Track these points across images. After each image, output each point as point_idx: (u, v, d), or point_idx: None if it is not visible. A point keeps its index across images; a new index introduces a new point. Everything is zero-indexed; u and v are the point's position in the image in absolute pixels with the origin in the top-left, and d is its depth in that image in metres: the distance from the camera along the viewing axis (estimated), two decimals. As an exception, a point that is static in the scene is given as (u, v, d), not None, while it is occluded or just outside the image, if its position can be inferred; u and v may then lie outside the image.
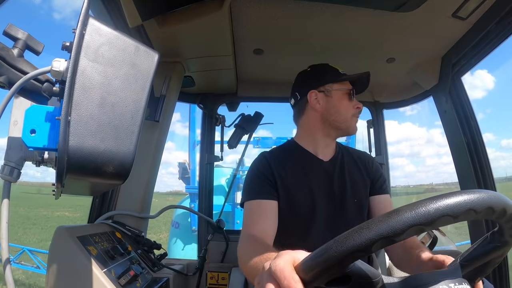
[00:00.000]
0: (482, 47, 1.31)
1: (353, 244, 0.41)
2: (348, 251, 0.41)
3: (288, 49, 1.54)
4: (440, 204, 0.40)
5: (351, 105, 1.21)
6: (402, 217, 0.40)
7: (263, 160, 1.20)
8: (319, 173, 1.19)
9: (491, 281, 1.41)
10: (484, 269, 0.56)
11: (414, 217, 0.40)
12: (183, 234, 4.61)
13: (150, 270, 1.28)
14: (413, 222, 0.40)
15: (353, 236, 0.41)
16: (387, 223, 0.40)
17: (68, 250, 0.96)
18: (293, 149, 1.25)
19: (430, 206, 0.40)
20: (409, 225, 0.40)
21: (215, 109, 1.99)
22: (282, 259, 0.47)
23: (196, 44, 1.43)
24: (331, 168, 1.21)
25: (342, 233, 0.42)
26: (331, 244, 0.42)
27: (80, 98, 0.49)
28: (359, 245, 0.40)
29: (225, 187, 4.14)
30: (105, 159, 0.51)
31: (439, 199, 0.41)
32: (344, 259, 0.41)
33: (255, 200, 1.12)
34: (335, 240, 0.42)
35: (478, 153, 1.46)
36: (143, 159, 1.43)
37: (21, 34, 0.68)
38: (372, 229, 0.41)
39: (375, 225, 0.41)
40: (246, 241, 1.01)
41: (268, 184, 1.14)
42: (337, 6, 1.21)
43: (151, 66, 0.56)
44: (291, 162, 1.20)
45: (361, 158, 1.28)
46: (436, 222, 0.40)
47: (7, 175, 0.74)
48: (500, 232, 0.51)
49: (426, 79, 1.63)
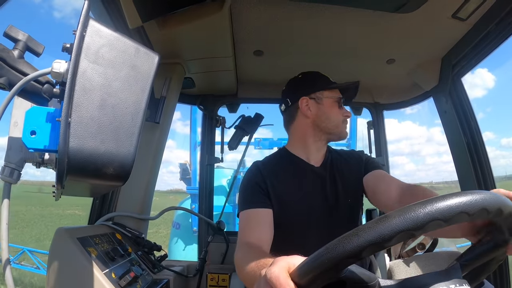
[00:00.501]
0: (482, 48, 1.31)
1: (343, 250, 0.41)
2: (339, 257, 0.41)
3: (288, 50, 1.54)
4: (429, 209, 0.40)
5: (340, 112, 1.25)
6: (391, 223, 0.40)
7: (256, 170, 1.23)
8: (312, 179, 1.21)
9: (491, 281, 1.41)
10: (485, 269, 0.56)
11: (402, 223, 0.40)
12: (184, 234, 4.61)
13: (150, 271, 1.28)
14: (402, 228, 0.40)
15: (343, 243, 0.41)
16: (376, 230, 0.40)
17: (68, 252, 0.96)
18: (285, 157, 1.27)
19: (419, 211, 0.40)
20: (397, 231, 0.40)
21: (215, 110, 1.99)
22: (277, 266, 0.48)
23: (196, 45, 1.44)
24: (323, 171, 1.23)
25: (333, 240, 0.43)
26: (323, 251, 0.43)
27: (80, 100, 0.49)
28: (349, 251, 0.41)
29: (226, 188, 4.14)
30: (105, 161, 0.51)
31: (428, 203, 0.41)
32: (336, 265, 0.42)
33: (250, 209, 1.13)
34: (326, 247, 0.43)
35: (478, 153, 1.46)
36: (143, 161, 1.43)
37: (22, 35, 0.68)
38: (361, 236, 0.41)
39: (364, 232, 0.41)
40: (243, 249, 1.02)
41: (262, 193, 1.16)
42: (337, 7, 1.21)
43: (151, 67, 0.56)
44: (283, 170, 1.22)
45: (351, 156, 1.30)
46: (426, 227, 0.40)
47: (7, 176, 0.74)
48: (499, 231, 0.50)
49: (426, 80, 1.63)
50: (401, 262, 1.57)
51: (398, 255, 1.68)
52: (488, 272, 0.57)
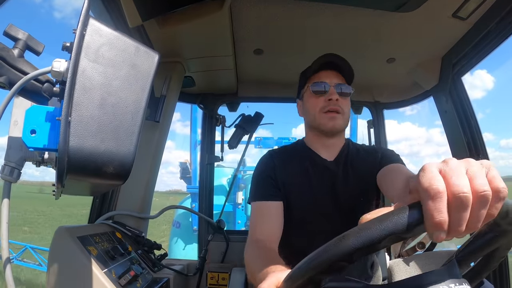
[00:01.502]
0: (482, 47, 1.31)
1: (317, 263, 0.43)
2: (313, 271, 0.43)
3: (289, 49, 1.54)
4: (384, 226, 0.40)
5: (316, 102, 1.17)
6: (347, 242, 0.41)
7: (269, 159, 1.23)
8: (321, 172, 1.19)
9: (491, 281, 1.41)
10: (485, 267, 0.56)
11: (357, 242, 0.40)
12: (184, 233, 4.61)
13: (150, 270, 1.28)
14: (358, 246, 0.40)
15: (319, 255, 0.43)
16: (348, 242, 0.41)
17: (69, 250, 0.96)
18: (299, 149, 1.27)
19: (376, 228, 0.40)
20: (352, 250, 0.40)
21: (215, 109, 1.99)
22: (267, 283, 0.57)
23: (196, 44, 1.43)
24: (335, 167, 1.20)
25: (314, 251, 0.44)
26: (302, 263, 0.45)
27: (80, 99, 0.49)
28: (316, 266, 0.43)
29: (226, 187, 4.15)
30: (105, 160, 0.51)
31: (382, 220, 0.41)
32: (311, 278, 0.44)
33: (262, 201, 1.14)
34: (306, 259, 0.45)
35: (478, 153, 1.46)
36: (143, 160, 1.43)
37: (22, 34, 0.68)
38: (328, 252, 0.42)
39: (327, 248, 0.42)
40: (252, 246, 1.04)
41: (272, 185, 1.16)
42: (337, 6, 1.21)
43: (151, 66, 0.56)
44: (295, 162, 1.21)
45: (368, 153, 1.24)
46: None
47: (7, 175, 0.74)
48: (494, 221, 0.47)
49: (427, 79, 1.63)
50: (401, 261, 1.57)
51: (398, 254, 1.68)
52: (488, 270, 0.56)
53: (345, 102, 1.18)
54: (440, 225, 0.38)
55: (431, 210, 0.38)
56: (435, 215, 0.38)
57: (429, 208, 0.38)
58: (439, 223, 0.38)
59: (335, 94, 1.15)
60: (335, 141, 1.23)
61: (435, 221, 0.38)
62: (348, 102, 1.20)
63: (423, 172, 0.41)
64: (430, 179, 0.39)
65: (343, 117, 1.17)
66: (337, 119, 1.16)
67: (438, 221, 0.38)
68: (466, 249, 0.54)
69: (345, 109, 1.17)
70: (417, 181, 0.41)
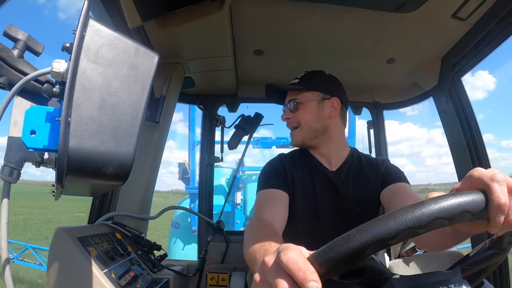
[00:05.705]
0: (482, 48, 1.31)
1: (378, 233, 0.39)
2: (371, 240, 0.39)
3: (288, 50, 1.54)
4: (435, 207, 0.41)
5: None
6: (428, 208, 0.41)
7: (278, 160, 1.26)
8: (323, 181, 1.21)
9: (491, 281, 1.41)
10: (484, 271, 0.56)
11: (438, 209, 0.41)
12: (183, 234, 4.60)
13: (150, 271, 1.28)
14: (439, 215, 0.41)
15: (379, 225, 0.40)
16: (413, 214, 0.41)
17: (68, 251, 0.96)
18: (306, 154, 1.28)
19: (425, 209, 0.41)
20: (435, 217, 0.40)
21: (215, 110, 1.99)
22: (293, 251, 0.42)
23: (196, 45, 1.43)
24: (337, 177, 1.21)
25: (366, 223, 0.42)
26: (354, 232, 0.40)
27: (80, 99, 0.49)
28: (384, 235, 0.39)
29: (225, 187, 4.14)
30: (105, 160, 0.51)
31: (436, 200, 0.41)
32: (364, 250, 0.39)
33: (268, 189, 1.14)
34: (358, 229, 0.41)
35: (478, 154, 1.46)
36: (143, 160, 1.43)
37: (21, 35, 0.68)
38: (398, 219, 0.40)
39: (402, 215, 0.40)
40: (254, 225, 1.00)
41: (282, 178, 1.18)
42: (337, 7, 1.21)
43: (151, 67, 0.56)
44: (302, 165, 1.23)
45: (370, 165, 1.24)
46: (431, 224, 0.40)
47: (7, 175, 0.74)
48: (499, 239, 0.51)
49: (426, 80, 1.63)
50: (400, 261, 1.57)
51: (398, 254, 1.68)
52: (487, 272, 0.57)
53: (299, 114, 1.21)
54: (505, 206, 0.43)
55: (497, 192, 0.44)
56: (501, 196, 0.43)
57: (495, 190, 0.44)
58: (504, 204, 0.43)
59: (284, 114, 1.25)
60: (329, 151, 1.24)
61: (501, 202, 0.43)
62: (303, 111, 1.21)
63: (478, 170, 0.47)
64: (493, 171, 0.46)
65: (301, 130, 1.21)
66: (294, 135, 1.24)
67: (504, 202, 0.43)
68: (469, 260, 0.55)
69: (301, 121, 1.21)
70: (476, 174, 0.47)
